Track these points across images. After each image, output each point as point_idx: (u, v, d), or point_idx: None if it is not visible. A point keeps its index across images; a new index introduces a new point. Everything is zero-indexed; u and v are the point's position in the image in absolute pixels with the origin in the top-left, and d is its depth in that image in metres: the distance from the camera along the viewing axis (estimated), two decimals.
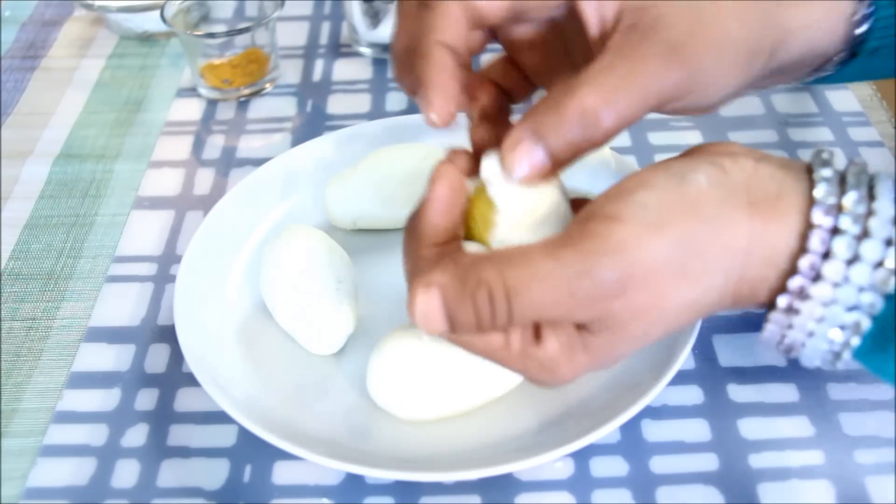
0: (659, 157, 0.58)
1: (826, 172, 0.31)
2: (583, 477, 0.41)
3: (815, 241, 0.30)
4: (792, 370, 0.45)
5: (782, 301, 0.31)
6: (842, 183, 0.31)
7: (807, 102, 0.63)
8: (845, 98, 0.63)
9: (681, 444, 0.42)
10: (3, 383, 0.46)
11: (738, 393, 0.44)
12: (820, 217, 0.30)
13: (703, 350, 0.46)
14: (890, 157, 0.58)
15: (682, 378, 0.44)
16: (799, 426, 0.43)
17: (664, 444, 0.42)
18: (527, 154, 0.33)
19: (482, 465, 0.39)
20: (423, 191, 0.35)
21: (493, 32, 0.39)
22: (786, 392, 0.44)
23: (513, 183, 0.34)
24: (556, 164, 0.33)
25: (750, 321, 0.47)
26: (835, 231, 0.30)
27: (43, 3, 0.77)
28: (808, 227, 0.30)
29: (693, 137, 0.60)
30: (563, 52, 0.39)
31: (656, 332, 0.33)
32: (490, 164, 0.35)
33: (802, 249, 0.30)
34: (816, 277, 0.30)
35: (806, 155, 0.58)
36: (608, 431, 0.39)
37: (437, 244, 0.34)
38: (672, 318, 0.32)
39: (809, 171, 0.32)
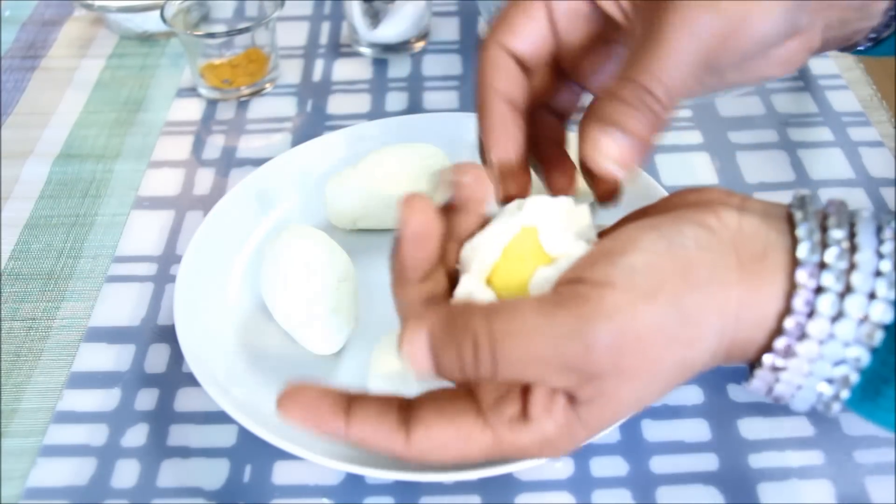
0: (659, 158, 0.58)
1: (807, 228, 0.31)
2: (583, 477, 0.41)
3: (800, 302, 0.30)
4: None
5: (768, 359, 0.31)
6: (823, 230, 0.31)
7: (807, 102, 0.63)
8: (845, 98, 0.63)
9: (681, 444, 0.42)
10: (3, 383, 0.47)
11: (738, 393, 0.44)
12: (804, 277, 0.30)
13: None
14: (890, 157, 0.58)
15: None
16: (799, 426, 0.43)
17: (664, 444, 0.42)
18: (612, 141, 0.33)
19: (482, 465, 0.39)
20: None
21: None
22: None
23: (565, 230, 0.34)
24: (639, 149, 0.33)
25: None
26: (819, 290, 0.30)
27: (43, 3, 0.77)
28: (793, 287, 0.30)
29: (693, 137, 0.60)
30: (609, 52, 0.39)
31: (650, 397, 0.32)
32: (540, 209, 0.35)
33: (788, 310, 0.30)
34: (802, 336, 0.30)
35: (806, 155, 0.58)
36: (608, 431, 0.39)
37: (422, 279, 0.34)
38: (664, 381, 0.32)
39: (790, 218, 0.32)
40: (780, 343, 0.31)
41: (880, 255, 0.30)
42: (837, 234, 0.31)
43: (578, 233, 0.35)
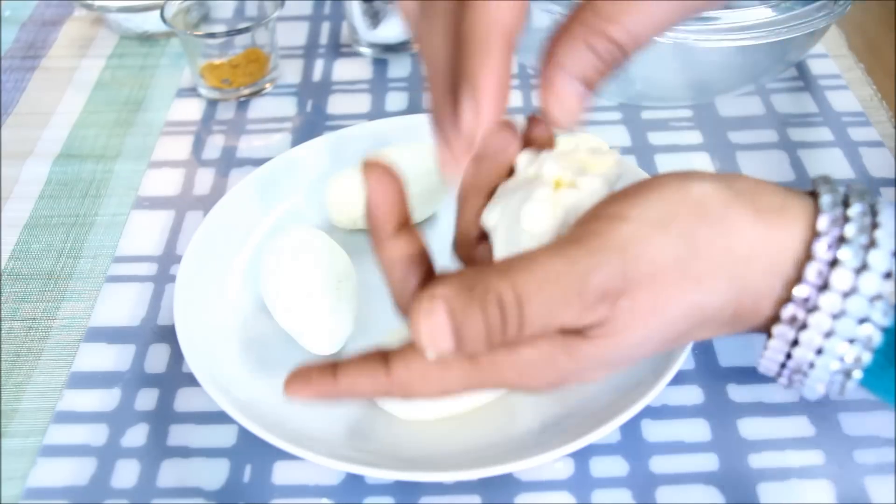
0: (659, 157, 0.58)
1: (830, 188, 0.31)
2: (583, 477, 0.41)
3: (822, 248, 0.29)
4: None
5: (787, 311, 0.30)
6: (844, 202, 0.31)
7: (807, 102, 0.63)
8: (845, 98, 0.63)
9: (681, 444, 0.42)
10: (3, 383, 0.46)
11: (738, 393, 0.44)
12: (826, 225, 0.30)
13: (703, 350, 0.46)
14: (890, 157, 0.58)
15: (682, 378, 0.45)
16: (799, 426, 0.43)
17: (664, 444, 0.42)
18: (575, 96, 0.33)
19: (482, 465, 0.39)
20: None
21: None
22: (786, 392, 0.44)
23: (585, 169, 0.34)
24: (590, 86, 0.33)
25: None
26: (841, 239, 0.29)
27: (43, 3, 0.77)
28: (814, 234, 0.30)
29: (693, 137, 0.60)
30: None
31: (655, 340, 0.31)
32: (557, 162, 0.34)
33: (808, 257, 0.30)
34: (824, 286, 0.29)
35: (806, 155, 0.58)
36: (608, 431, 0.39)
37: (395, 231, 0.34)
38: (672, 323, 0.31)
39: (810, 194, 0.32)
40: (800, 291, 0.30)
41: None
42: (859, 197, 0.30)
43: (604, 175, 0.35)
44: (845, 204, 0.30)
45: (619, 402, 0.40)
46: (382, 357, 0.33)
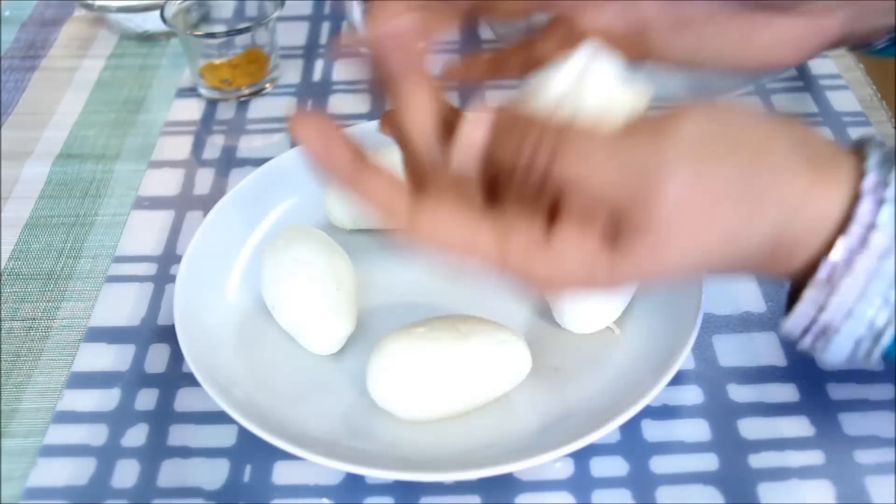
0: None
1: (876, 145, 0.31)
2: (583, 477, 0.41)
3: (864, 211, 0.30)
4: (792, 370, 0.45)
5: (824, 270, 0.30)
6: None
7: (807, 102, 0.62)
8: (845, 98, 0.63)
9: (681, 444, 0.42)
10: (3, 383, 0.46)
11: (738, 393, 0.44)
12: (871, 187, 0.30)
13: (703, 350, 0.46)
14: None
15: (682, 378, 0.45)
16: (799, 426, 0.43)
17: (664, 444, 0.42)
18: None
19: (482, 465, 0.39)
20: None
21: None
22: (786, 392, 0.44)
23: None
24: None
25: (750, 321, 0.47)
26: (881, 202, 0.30)
27: (43, 3, 0.77)
28: (858, 196, 0.30)
29: None
30: None
31: (690, 260, 0.30)
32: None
33: (849, 218, 0.30)
34: (862, 246, 0.30)
35: None
36: (608, 431, 0.39)
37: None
38: (709, 247, 0.30)
39: (855, 152, 0.32)
40: (836, 252, 0.30)
41: None
42: None
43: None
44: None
45: (619, 402, 0.40)
46: (415, 185, 0.32)
